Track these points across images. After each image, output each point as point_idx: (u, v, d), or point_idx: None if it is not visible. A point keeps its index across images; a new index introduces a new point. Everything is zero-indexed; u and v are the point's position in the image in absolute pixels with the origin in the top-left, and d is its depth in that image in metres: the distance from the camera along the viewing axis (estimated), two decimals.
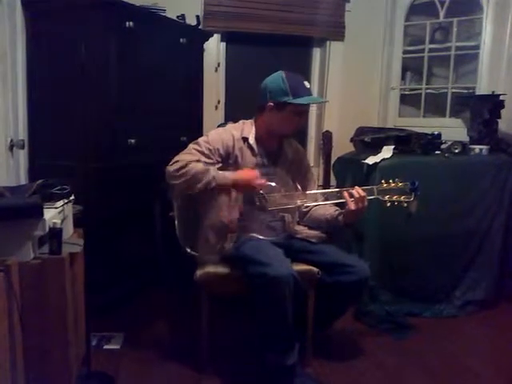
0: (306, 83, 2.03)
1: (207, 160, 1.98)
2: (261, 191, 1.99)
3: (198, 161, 1.95)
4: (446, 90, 3.61)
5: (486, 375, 2.12)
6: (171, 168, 1.95)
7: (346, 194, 1.97)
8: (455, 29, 3.50)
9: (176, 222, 2.07)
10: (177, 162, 1.95)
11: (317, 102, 2.07)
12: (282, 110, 2.00)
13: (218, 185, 1.93)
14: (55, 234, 1.61)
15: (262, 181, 1.95)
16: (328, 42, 3.68)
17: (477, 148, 2.83)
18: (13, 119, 2.31)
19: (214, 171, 1.94)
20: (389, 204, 1.99)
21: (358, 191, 1.96)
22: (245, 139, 2.06)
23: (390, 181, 2.03)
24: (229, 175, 1.95)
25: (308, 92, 2.02)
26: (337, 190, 2.04)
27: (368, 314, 2.57)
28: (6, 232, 1.51)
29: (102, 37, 2.37)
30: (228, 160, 2.03)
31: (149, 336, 2.40)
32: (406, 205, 1.98)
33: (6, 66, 2.24)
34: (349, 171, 2.89)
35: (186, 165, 1.92)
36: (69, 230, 1.90)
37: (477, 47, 3.40)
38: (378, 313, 2.56)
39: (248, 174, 1.96)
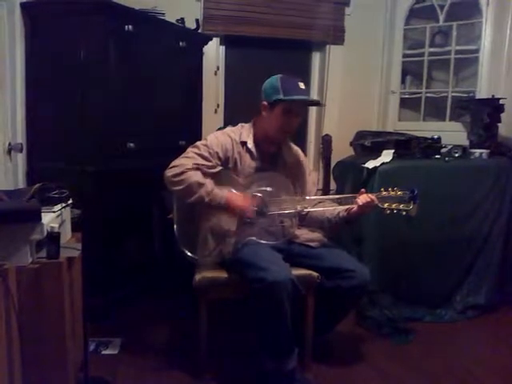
0: (301, 84, 2.02)
1: (206, 163, 1.97)
2: (260, 194, 1.99)
3: (197, 169, 1.94)
4: (445, 94, 3.60)
5: (486, 380, 2.11)
6: (169, 173, 1.95)
7: (358, 199, 1.99)
8: (455, 33, 3.50)
9: (175, 224, 2.06)
10: (175, 167, 1.95)
11: (307, 100, 2.05)
12: (273, 109, 2.00)
13: (210, 200, 1.92)
14: (53, 238, 1.60)
15: (252, 213, 1.96)
16: (328, 46, 3.67)
17: (477, 152, 2.83)
18: (11, 122, 2.30)
19: (210, 186, 1.93)
20: (388, 212, 1.99)
21: (371, 197, 1.98)
22: (243, 143, 2.06)
23: (390, 189, 2.03)
24: (223, 195, 1.94)
25: (301, 92, 2.01)
26: (351, 195, 2.04)
27: (368, 319, 2.56)
28: (4, 236, 1.50)
29: (101, 40, 2.37)
30: (227, 164, 2.03)
31: (147, 341, 2.39)
32: (404, 213, 1.97)
33: (4, 68, 2.23)
34: (348, 175, 2.88)
35: (183, 172, 1.92)
36: (67, 234, 1.89)
37: (476, 51, 3.39)
38: (378, 317, 2.54)
39: (241, 202, 1.95)
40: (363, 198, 1.98)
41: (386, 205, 1.99)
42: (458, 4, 3.47)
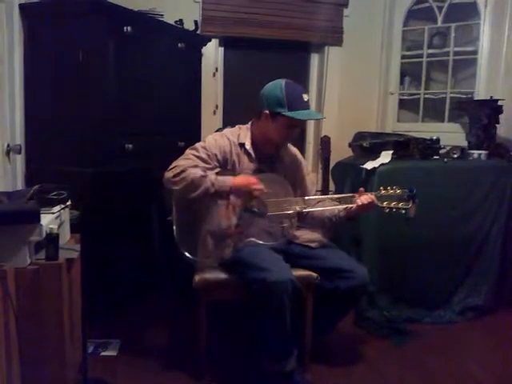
0: (305, 96, 1.99)
1: (205, 165, 1.97)
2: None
3: (196, 166, 1.94)
4: (444, 95, 3.61)
5: (486, 381, 2.11)
6: (169, 174, 1.94)
7: (359, 199, 1.99)
8: (453, 34, 3.50)
9: (174, 226, 2.05)
10: (175, 167, 1.94)
11: (312, 118, 2.03)
12: (275, 120, 1.99)
13: (216, 191, 1.91)
14: (52, 239, 1.60)
15: (261, 186, 1.94)
16: (326, 47, 3.68)
17: (475, 153, 2.83)
18: (10, 124, 2.30)
19: (212, 176, 1.93)
20: (387, 210, 1.99)
21: (370, 197, 1.98)
22: (241, 145, 2.06)
23: (389, 187, 2.03)
24: (228, 181, 1.94)
25: (305, 106, 1.98)
26: (350, 195, 2.05)
27: (367, 320, 2.56)
28: (3, 237, 1.50)
29: (100, 42, 2.37)
30: (226, 165, 2.03)
31: (146, 342, 2.39)
32: (403, 211, 1.98)
33: (3, 70, 2.23)
34: (347, 176, 2.88)
35: (183, 170, 1.91)
36: (66, 236, 1.89)
37: (475, 52, 3.41)
38: (377, 318, 2.54)
39: (247, 179, 1.95)
40: (363, 198, 1.98)
41: (385, 203, 2.00)
42: (456, 5, 3.48)
